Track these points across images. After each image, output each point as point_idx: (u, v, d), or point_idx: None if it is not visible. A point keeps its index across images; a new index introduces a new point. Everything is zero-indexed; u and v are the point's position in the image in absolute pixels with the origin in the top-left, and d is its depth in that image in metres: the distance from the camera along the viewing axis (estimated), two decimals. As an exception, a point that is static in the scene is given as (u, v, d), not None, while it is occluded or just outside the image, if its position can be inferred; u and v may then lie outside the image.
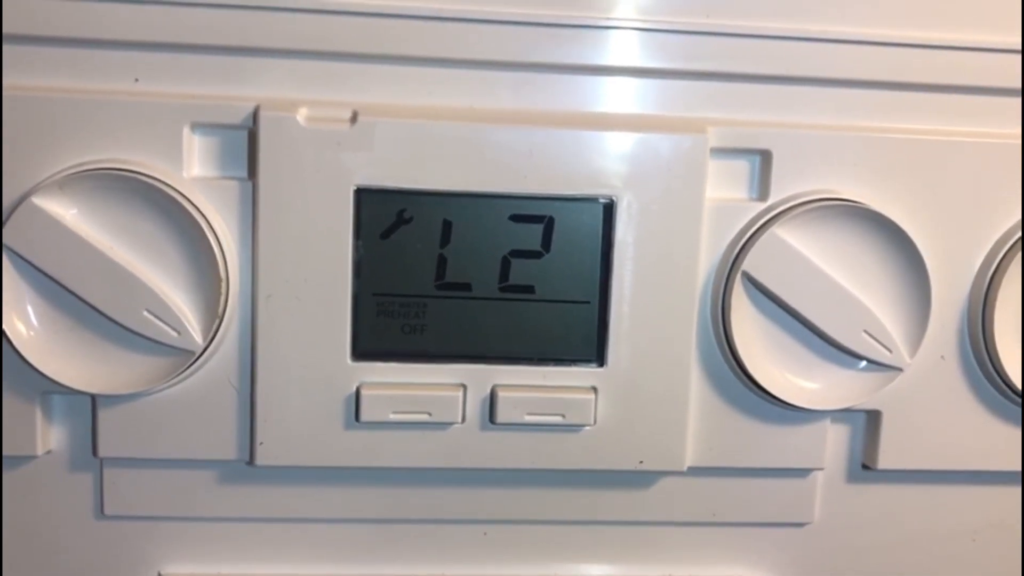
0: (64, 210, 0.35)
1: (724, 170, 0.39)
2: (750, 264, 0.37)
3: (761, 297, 0.38)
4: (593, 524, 0.42)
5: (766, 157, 0.38)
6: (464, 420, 0.38)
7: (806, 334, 0.38)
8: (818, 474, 0.42)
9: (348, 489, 0.40)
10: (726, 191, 0.39)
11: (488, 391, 0.38)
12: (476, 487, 0.41)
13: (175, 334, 0.36)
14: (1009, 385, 0.39)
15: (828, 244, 0.38)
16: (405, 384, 0.38)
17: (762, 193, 0.39)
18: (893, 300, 0.38)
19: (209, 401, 0.38)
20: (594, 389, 0.39)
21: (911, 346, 0.38)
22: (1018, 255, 0.39)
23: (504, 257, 0.38)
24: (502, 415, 0.38)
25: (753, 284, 0.38)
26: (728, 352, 0.39)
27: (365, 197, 0.37)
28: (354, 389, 0.38)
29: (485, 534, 0.42)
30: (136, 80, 0.36)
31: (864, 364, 0.39)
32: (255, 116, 0.36)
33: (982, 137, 0.39)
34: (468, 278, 0.38)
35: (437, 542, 0.42)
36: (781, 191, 0.38)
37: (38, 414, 0.38)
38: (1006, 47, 0.39)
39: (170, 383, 0.37)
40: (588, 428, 0.39)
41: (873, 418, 0.41)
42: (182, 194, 0.36)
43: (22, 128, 0.35)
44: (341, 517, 0.41)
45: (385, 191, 0.37)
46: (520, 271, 0.38)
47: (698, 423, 0.40)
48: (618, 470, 0.39)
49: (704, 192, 0.38)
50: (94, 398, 0.38)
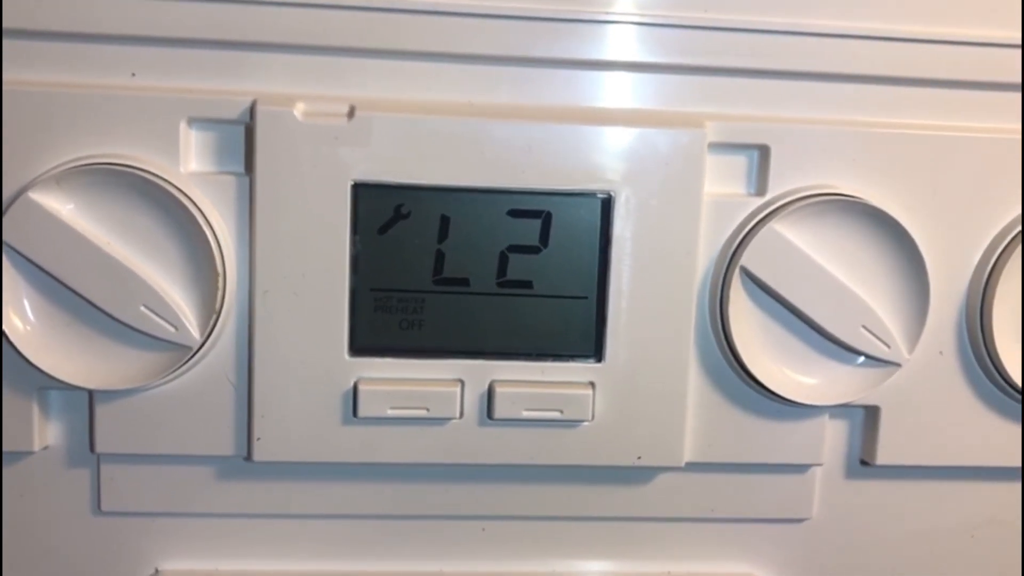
0: (61, 205, 0.35)
1: (722, 165, 0.38)
2: (748, 259, 0.37)
3: (759, 292, 0.38)
4: (591, 520, 0.42)
5: (764, 152, 0.38)
6: (462, 416, 0.38)
7: (804, 329, 0.38)
8: (816, 470, 0.42)
9: (346, 485, 0.40)
10: (724, 186, 0.39)
11: (486, 386, 0.38)
12: (474, 483, 0.41)
13: (172, 329, 0.36)
14: (1008, 381, 0.39)
15: (826, 239, 0.38)
16: (403, 379, 0.38)
17: (760, 188, 0.39)
18: (891, 295, 0.38)
19: (206, 397, 0.38)
20: (592, 385, 0.38)
21: (909, 341, 0.38)
22: (1017, 250, 0.39)
23: (502, 252, 0.38)
24: (500, 411, 0.38)
25: (751, 279, 0.38)
26: (726, 347, 0.38)
27: (362, 192, 0.37)
28: (352, 384, 0.38)
29: (483, 530, 0.42)
30: (133, 75, 0.36)
31: (862, 359, 0.39)
32: (252, 111, 0.36)
33: (981, 132, 0.39)
34: (466, 273, 0.38)
35: (435, 537, 0.41)
36: (779, 186, 0.38)
37: (35, 410, 0.38)
38: (1005, 42, 0.38)
39: (167, 379, 0.37)
40: (586, 424, 0.39)
41: (871, 414, 0.41)
42: (179, 189, 0.36)
43: (19, 123, 0.35)
44: (339, 513, 0.41)
45: (383, 186, 0.37)
46: (518, 266, 0.38)
47: (696, 419, 0.40)
48: (616, 466, 0.39)
49: (702, 187, 0.37)
50: (91, 394, 0.38)
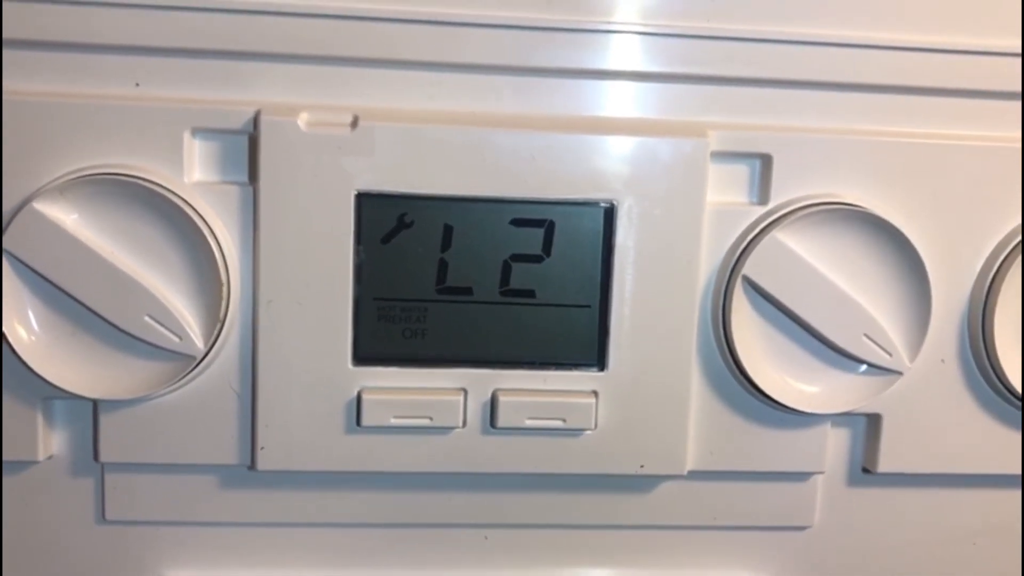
0: (65, 215, 0.35)
1: (725, 174, 0.39)
2: (751, 268, 0.37)
3: (762, 301, 0.38)
4: (594, 528, 0.42)
5: (767, 161, 0.38)
6: (465, 424, 0.38)
7: (806, 338, 0.38)
8: (818, 478, 0.42)
9: (349, 494, 0.40)
10: (727, 195, 0.39)
11: (489, 395, 0.38)
12: (477, 491, 0.41)
13: (176, 339, 0.36)
14: (1009, 389, 0.39)
15: (828, 248, 0.38)
16: (406, 388, 0.38)
17: (762, 197, 0.39)
18: (893, 304, 0.38)
19: (210, 406, 0.38)
20: (595, 393, 0.39)
21: (911, 350, 0.38)
22: (1018, 259, 0.39)
23: (505, 261, 0.38)
24: (503, 419, 0.38)
25: (754, 288, 0.38)
26: (729, 356, 0.39)
27: (366, 201, 0.37)
28: (355, 394, 0.38)
29: (486, 538, 0.42)
30: (137, 85, 0.36)
31: (864, 368, 0.39)
32: (256, 121, 0.36)
33: (982, 141, 0.39)
34: (469, 282, 0.38)
35: (438, 546, 0.42)
36: (782, 195, 0.38)
37: (39, 419, 0.38)
38: (1006, 51, 0.39)
39: (171, 388, 0.37)
40: (589, 432, 0.39)
41: (873, 422, 0.41)
42: (183, 199, 0.36)
43: (23, 133, 0.35)
44: (342, 521, 0.41)
45: (386, 195, 0.37)
46: (521, 275, 0.38)
47: (699, 427, 0.40)
48: (619, 474, 0.39)
49: (705, 196, 0.38)
50: (95, 403, 0.38)
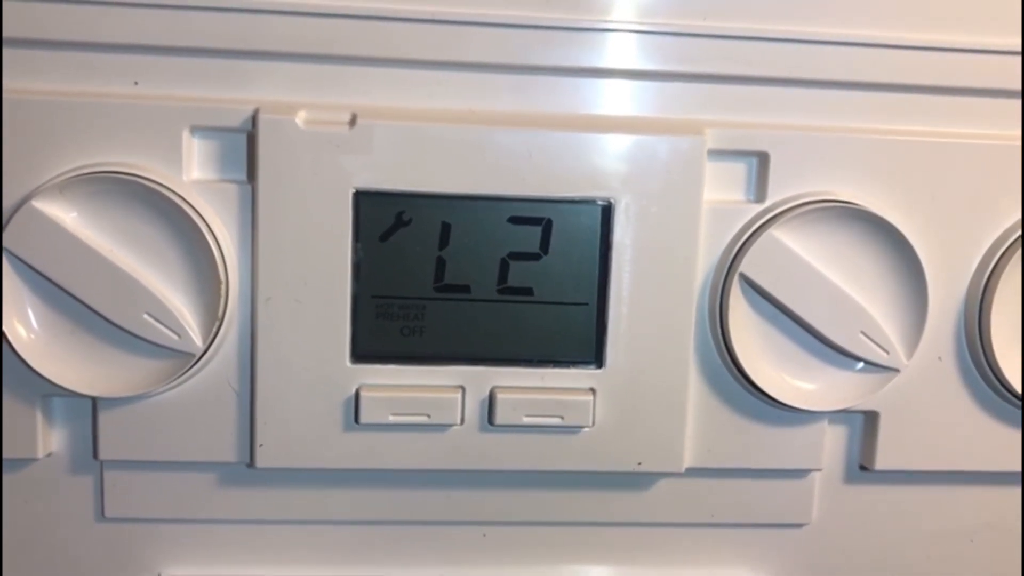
0: (64, 213, 0.35)
1: (721, 172, 0.39)
2: (748, 266, 0.38)
3: (759, 299, 0.38)
4: (592, 525, 0.42)
5: (763, 159, 0.38)
6: (463, 422, 0.38)
7: (803, 335, 0.39)
8: (816, 475, 0.42)
9: (348, 491, 0.40)
10: (723, 193, 0.39)
11: (487, 393, 0.38)
12: (475, 489, 0.41)
13: (175, 337, 0.36)
14: (1006, 386, 0.39)
15: (825, 246, 0.38)
16: (404, 386, 0.38)
17: (759, 195, 0.39)
18: (890, 301, 0.38)
19: (209, 404, 0.38)
20: (592, 391, 0.39)
21: (908, 347, 0.39)
22: (1016, 256, 0.39)
23: (503, 259, 0.38)
24: (501, 417, 0.38)
25: (751, 286, 0.38)
26: (726, 353, 0.39)
27: (364, 199, 0.37)
28: (353, 391, 0.38)
29: (484, 535, 0.42)
30: (136, 83, 0.37)
31: (861, 365, 0.39)
32: (254, 119, 0.36)
33: (980, 139, 0.39)
34: (467, 280, 0.38)
35: (436, 543, 0.42)
36: (778, 193, 0.38)
37: (39, 417, 0.38)
38: (1005, 48, 0.39)
39: (170, 386, 0.37)
40: (586, 430, 0.39)
41: (870, 419, 0.41)
42: (182, 197, 0.36)
43: (22, 131, 0.35)
44: (341, 519, 0.41)
45: (384, 193, 0.37)
46: (519, 273, 0.38)
47: (696, 424, 0.40)
48: (616, 471, 0.40)
49: (702, 194, 0.38)
50: (94, 401, 0.38)
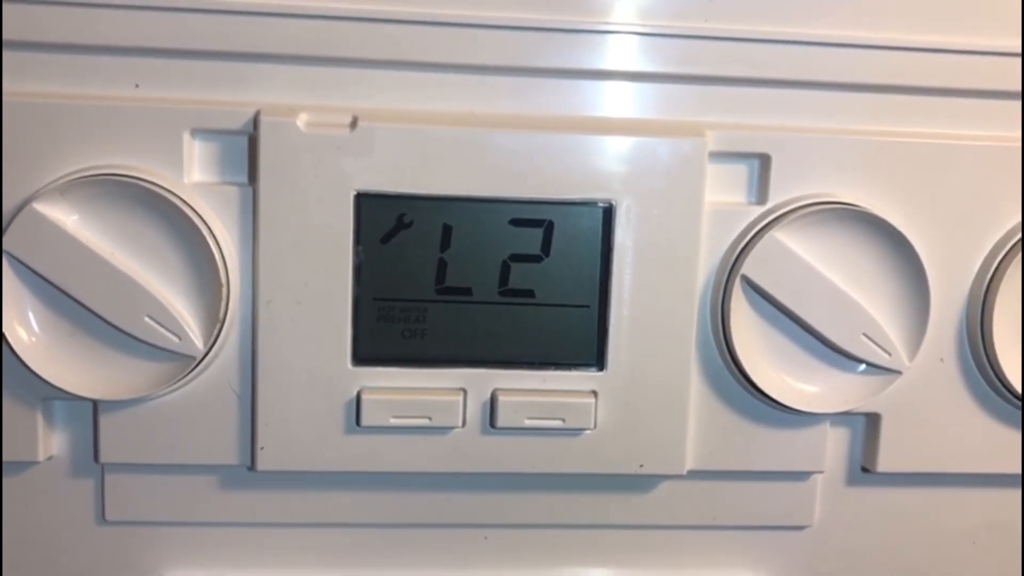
0: (65, 216, 0.35)
1: (723, 174, 0.39)
2: (749, 268, 0.38)
3: (760, 301, 0.38)
4: (593, 528, 0.42)
5: (765, 161, 0.38)
6: (464, 424, 0.38)
7: (805, 337, 0.39)
8: (818, 477, 0.42)
9: (349, 494, 0.40)
10: (725, 195, 0.39)
11: (488, 395, 0.38)
12: (477, 491, 0.41)
13: (176, 339, 0.36)
14: (1008, 388, 0.39)
15: (827, 247, 0.38)
16: (405, 388, 0.38)
17: (761, 197, 0.39)
18: (892, 303, 0.38)
19: (210, 406, 0.38)
20: (594, 393, 0.39)
21: (910, 349, 0.38)
22: (1017, 258, 0.39)
23: (504, 261, 0.38)
24: (502, 419, 0.38)
25: (752, 288, 0.38)
26: (728, 355, 0.39)
27: (365, 202, 0.37)
28: (355, 394, 0.38)
29: (486, 538, 0.42)
30: (137, 86, 0.37)
31: (863, 367, 0.39)
32: (255, 121, 0.36)
33: (981, 140, 0.39)
34: (468, 282, 0.38)
35: (438, 546, 0.42)
36: (780, 195, 0.38)
37: (39, 420, 0.38)
38: (1005, 50, 0.39)
39: (171, 388, 0.37)
40: (588, 432, 0.39)
41: (872, 421, 0.41)
42: (183, 200, 0.36)
43: (23, 134, 0.35)
44: (342, 522, 0.41)
45: (385, 196, 0.37)
46: (520, 275, 0.38)
47: (698, 426, 0.40)
48: (618, 474, 0.39)
49: (703, 196, 0.38)
50: (95, 404, 0.38)
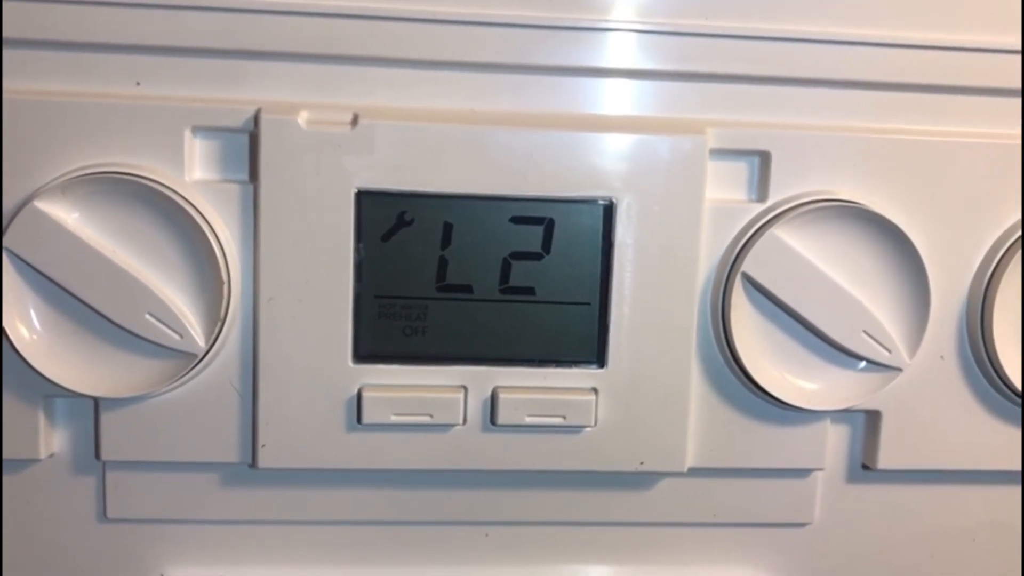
0: (66, 214, 0.35)
1: (723, 171, 0.39)
2: (750, 265, 0.38)
3: (761, 298, 0.38)
4: (594, 525, 0.42)
5: (765, 158, 0.38)
6: (465, 422, 0.38)
7: (806, 335, 0.39)
8: (818, 474, 0.42)
9: (350, 491, 0.40)
10: (725, 192, 0.39)
11: (489, 393, 0.38)
12: (477, 489, 0.41)
13: (177, 337, 0.36)
14: (1008, 385, 0.39)
15: (827, 245, 0.38)
16: (406, 386, 0.38)
17: (761, 194, 0.39)
18: (892, 300, 0.38)
19: (211, 404, 0.38)
20: (595, 390, 0.39)
21: (910, 346, 0.39)
22: (1017, 255, 0.39)
23: (505, 259, 0.38)
24: (503, 417, 0.38)
25: (753, 285, 0.38)
26: (728, 353, 0.39)
27: (366, 199, 0.37)
28: (356, 391, 0.38)
29: (487, 535, 0.42)
30: (137, 84, 0.37)
31: (864, 364, 0.39)
32: (256, 119, 0.36)
33: (981, 138, 0.39)
34: (469, 280, 0.38)
35: (439, 544, 0.42)
36: (780, 192, 0.38)
37: (41, 417, 0.38)
38: (1005, 47, 0.39)
39: (172, 386, 0.37)
40: (589, 429, 0.39)
41: (873, 418, 0.41)
42: (184, 197, 0.36)
43: (24, 132, 0.36)
44: (343, 519, 0.41)
45: (386, 193, 0.37)
46: (521, 273, 0.38)
47: (698, 424, 0.40)
48: (619, 471, 0.40)
49: (703, 193, 0.38)
50: (97, 401, 0.38)
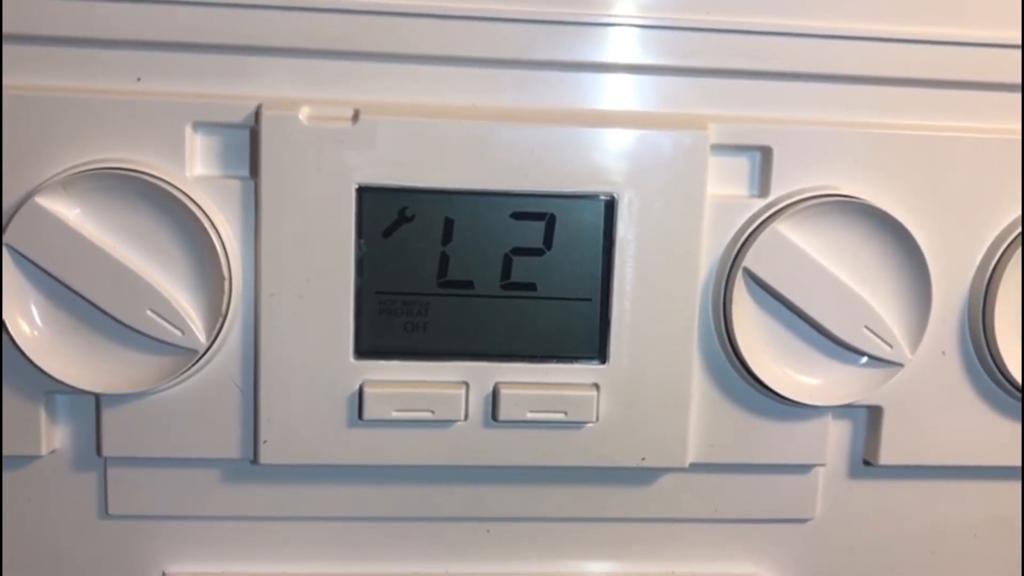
0: (67, 210, 0.35)
1: (725, 166, 0.39)
2: (751, 260, 0.38)
3: (762, 293, 0.38)
4: (595, 521, 0.42)
5: (767, 153, 0.38)
6: (467, 418, 0.38)
7: (807, 330, 0.39)
8: (820, 470, 0.42)
9: (351, 487, 0.40)
10: (727, 187, 0.39)
11: (490, 389, 0.38)
12: (479, 484, 0.41)
13: (179, 333, 0.36)
14: (1010, 380, 0.39)
15: (829, 240, 0.38)
16: (408, 382, 0.38)
17: (763, 189, 0.39)
18: (894, 296, 0.38)
19: (213, 400, 0.38)
20: (596, 386, 0.39)
21: (912, 342, 0.39)
22: (1018, 250, 0.39)
23: (506, 255, 0.38)
24: (504, 412, 0.38)
25: (754, 280, 0.38)
26: (730, 348, 0.39)
27: (367, 195, 0.37)
28: (357, 387, 0.38)
29: (488, 531, 0.42)
30: (138, 79, 0.37)
31: (865, 360, 0.39)
32: (257, 115, 0.36)
33: (982, 133, 0.39)
34: (470, 276, 0.38)
35: (440, 539, 0.42)
36: (782, 187, 0.38)
37: (42, 414, 0.38)
38: (1006, 42, 0.39)
39: (174, 382, 0.37)
40: (590, 425, 0.39)
41: (874, 414, 0.41)
42: (185, 193, 0.36)
43: (25, 128, 0.35)
44: (344, 515, 0.41)
45: (387, 189, 0.37)
46: (522, 269, 0.38)
47: (700, 419, 0.40)
48: (620, 467, 0.39)
49: (705, 189, 0.38)
50: (98, 397, 0.38)
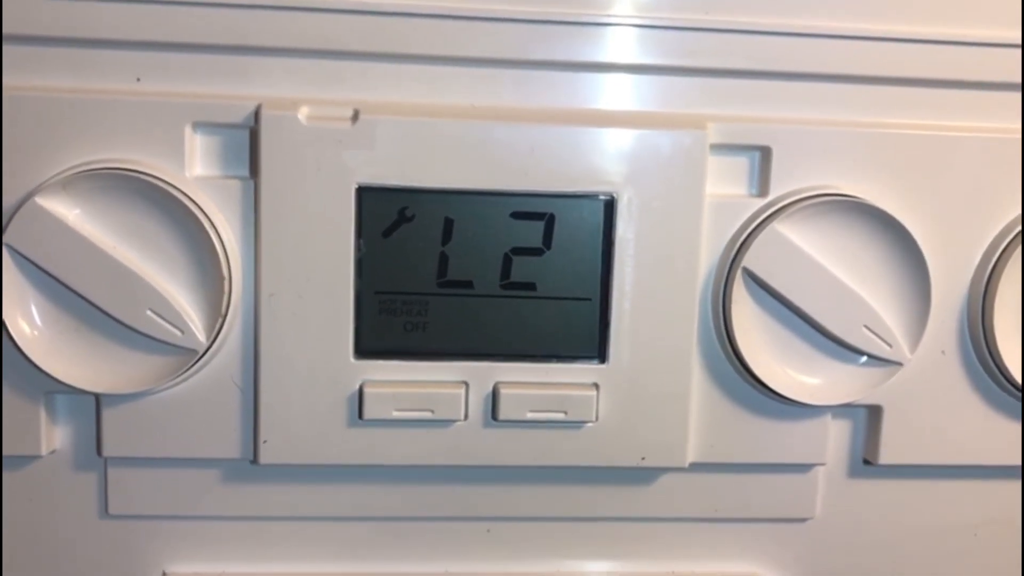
0: (67, 210, 0.35)
1: (724, 166, 0.39)
2: (751, 260, 0.38)
3: (762, 293, 0.38)
4: (595, 520, 0.42)
5: (766, 153, 0.38)
6: (467, 417, 0.38)
7: (807, 329, 0.39)
8: (819, 469, 0.42)
9: (351, 487, 0.40)
10: (726, 187, 0.39)
11: (490, 388, 0.38)
12: (479, 484, 0.41)
13: (178, 333, 0.36)
14: (1009, 380, 0.39)
15: (828, 240, 0.38)
16: (408, 382, 0.38)
17: (762, 189, 0.39)
18: (893, 295, 0.38)
19: (213, 400, 0.38)
20: (596, 386, 0.39)
21: (911, 341, 0.39)
22: (1018, 250, 0.39)
23: (505, 254, 0.38)
24: (504, 412, 0.38)
25: (754, 280, 0.38)
26: (729, 348, 0.39)
27: (367, 195, 0.37)
28: (357, 387, 0.38)
29: (488, 531, 0.42)
30: (138, 80, 0.37)
31: (865, 359, 0.39)
32: (257, 115, 0.36)
33: (981, 132, 0.39)
34: (470, 275, 0.38)
35: (440, 539, 0.42)
36: (781, 187, 0.38)
37: (42, 414, 0.38)
38: (1006, 42, 0.39)
39: (174, 382, 0.37)
40: (590, 425, 0.39)
41: (874, 413, 0.41)
42: (184, 193, 0.36)
43: (24, 128, 0.36)
44: (344, 515, 0.41)
45: (387, 189, 0.37)
46: (521, 268, 0.38)
47: (699, 419, 0.40)
48: (620, 466, 0.40)
49: (704, 188, 0.38)
50: (98, 397, 0.38)
